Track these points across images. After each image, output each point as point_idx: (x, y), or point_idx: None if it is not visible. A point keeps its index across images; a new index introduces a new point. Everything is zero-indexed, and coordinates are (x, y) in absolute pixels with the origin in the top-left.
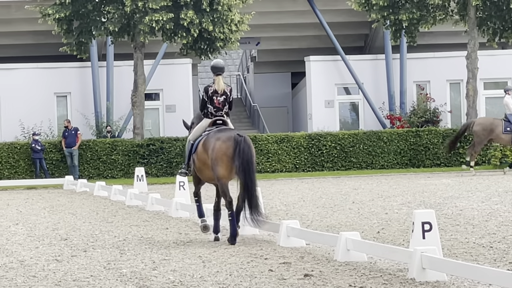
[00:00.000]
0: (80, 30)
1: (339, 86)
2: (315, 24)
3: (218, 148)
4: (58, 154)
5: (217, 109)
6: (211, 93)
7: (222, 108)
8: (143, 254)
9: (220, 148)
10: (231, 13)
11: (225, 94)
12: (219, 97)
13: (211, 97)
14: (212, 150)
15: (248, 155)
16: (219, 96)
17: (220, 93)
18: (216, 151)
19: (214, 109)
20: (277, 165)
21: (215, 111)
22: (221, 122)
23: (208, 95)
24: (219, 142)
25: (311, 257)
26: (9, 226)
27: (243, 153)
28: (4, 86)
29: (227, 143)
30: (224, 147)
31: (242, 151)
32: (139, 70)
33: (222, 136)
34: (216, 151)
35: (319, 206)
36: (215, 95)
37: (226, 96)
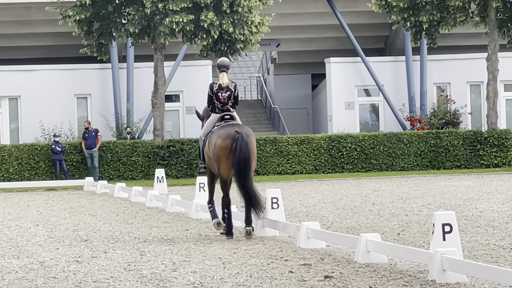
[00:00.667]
0: (100, 32)
1: (359, 87)
2: (335, 26)
3: (218, 146)
4: (78, 155)
5: (223, 104)
6: (216, 89)
7: (227, 103)
8: (163, 255)
9: (219, 146)
10: (251, 15)
11: (230, 90)
12: (224, 93)
13: (216, 93)
14: (213, 147)
15: (245, 153)
16: (224, 92)
17: (224, 89)
18: (217, 149)
19: (220, 104)
20: (297, 167)
21: (221, 106)
22: (229, 117)
23: (213, 91)
24: (219, 140)
25: (331, 258)
26: (30, 227)
27: (239, 151)
28: (25, 87)
29: (225, 141)
30: (223, 145)
31: (239, 148)
32: (159, 72)
33: (222, 134)
34: (217, 149)
35: (339, 207)
36: (220, 91)
37: (230, 92)
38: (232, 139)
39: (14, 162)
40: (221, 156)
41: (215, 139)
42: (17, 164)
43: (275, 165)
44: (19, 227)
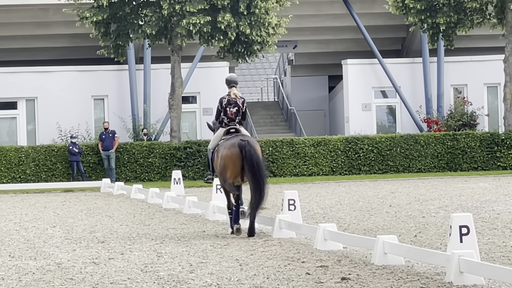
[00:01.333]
0: (117, 33)
1: (376, 89)
2: (352, 27)
3: (224, 155)
4: (95, 157)
5: (230, 120)
6: (225, 104)
7: (234, 119)
8: (180, 257)
9: (226, 155)
10: (268, 16)
11: (238, 106)
12: (232, 108)
13: (225, 108)
14: (221, 158)
15: (254, 157)
16: (232, 107)
17: (233, 104)
18: (224, 158)
19: (227, 119)
20: (314, 168)
21: (228, 121)
22: (234, 131)
23: (222, 106)
24: (225, 150)
25: (348, 260)
26: (46, 228)
27: (250, 156)
28: (42, 89)
29: (231, 149)
30: (229, 153)
31: (249, 153)
32: (176, 73)
33: (227, 144)
34: (224, 158)
35: (356, 209)
36: (228, 106)
37: (238, 107)
38: (238, 147)
39: (31, 163)
40: (228, 163)
41: (222, 150)
42: (34, 166)
43: (292, 167)
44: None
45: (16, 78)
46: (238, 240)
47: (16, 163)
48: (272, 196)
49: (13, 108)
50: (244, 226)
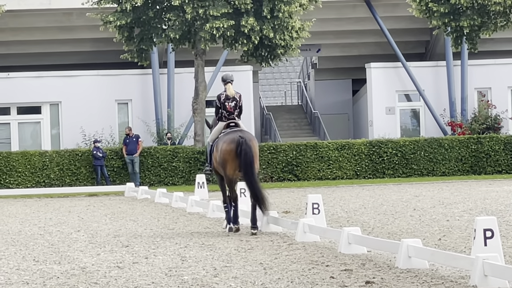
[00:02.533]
0: (141, 37)
1: (400, 93)
2: (375, 31)
3: (223, 150)
4: (119, 161)
5: (229, 113)
6: (223, 100)
7: (233, 112)
8: (205, 261)
9: (225, 150)
10: (291, 20)
11: (235, 100)
12: (230, 102)
13: (223, 103)
14: (220, 152)
15: (249, 155)
16: (230, 102)
17: (231, 99)
18: (222, 153)
19: (227, 113)
20: (338, 172)
21: (228, 115)
22: (233, 124)
23: (220, 101)
24: (224, 145)
25: (372, 264)
26: (71, 233)
27: (245, 154)
28: (65, 93)
29: (230, 145)
30: (228, 149)
31: (244, 151)
32: (200, 77)
33: (227, 139)
34: (222, 152)
35: (380, 213)
36: (226, 101)
37: (236, 102)
38: (236, 143)
39: (55, 167)
40: (226, 158)
41: (221, 144)
42: (58, 170)
43: (315, 171)
44: (60, 232)
45: (40, 83)
46: (262, 243)
47: (40, 168)
48: (296, 200)
49: (37, 113)
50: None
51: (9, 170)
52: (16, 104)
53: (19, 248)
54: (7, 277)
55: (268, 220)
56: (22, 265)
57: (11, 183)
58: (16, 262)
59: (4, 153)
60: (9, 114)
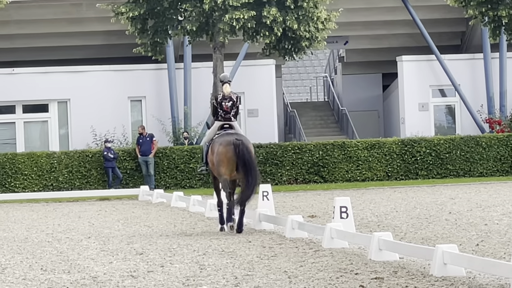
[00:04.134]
0: (155, 30)
1: (434, 87)
2: (407, 22)
3: (220, 152)
4: (133, 162)
5: (226, 113)
6: (220, 99)
7: (230, 112)
8: (225, 269)
9: (221, 152)
10: (317, 10)
11: (232, 100)
12: (227, 102)
13: (220, 103)
14: (216, 154)
15: (247, 156)
16: (227, 102)
17: (228, 99)
18: (219, 155)
19: (223, 112)
20: (368, 173)
21: (224, 114)
22: (228, 126)
23: (217, 101)
24: (221, 147)
25: (405, 272)
26: (81, 239)
27: (243, 155)
28: (75, 90)
29: (226, 147)
30: (224, 151)
31: (242, 152)
32: (218, 72)
33: (223, 142)
34: (219, 154)
35: (413, 217)
36: (223, 100)
37: (233, 102)
38: (233, 145)
39: (64, 170)
40: (222, 159)
41: (217, 146)
42: (67, 172)
43: (344, 172)
44: (69, 239)
45: (47, 79)
46: (286, 250)
47: (48, 170)
48: (323, 203)
49: (44, 111)
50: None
51: (14, 173)
52: (21, 102)
53: (25, 256)
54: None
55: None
56: (29, 275)
57: (16, 186)
58: (23, 272)
59: (9, 154)
60: (14, 112)
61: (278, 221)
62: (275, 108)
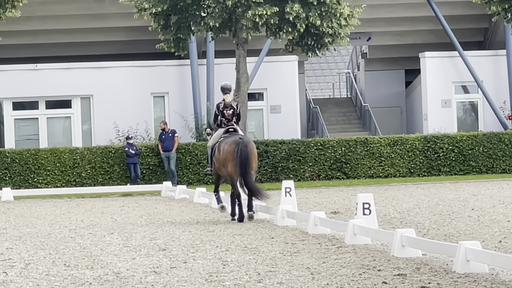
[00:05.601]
0: (178, 26)
1: (456, 84)
2: (430, 18)
3: (226, 151)
4: (155, 158)
5: (228, 120)
6: (222, 108)
7: (231, 119)
8: (247, 265)
9: (227, 150)
10: (340, 7)
11: (233, 108)
12: (228, 110)
13: (222, 111)
14: (222, 152)
15: (245, 154)
16: (228, 110)
17: (228, 107)
18: (225, 153)
19: (225, 120)
20: (390, 170)
21: (226, 122)
22: (232, 130)
23: (219, 109)
24: (226, 146)
25: (427, 268)
26: (104, 235)
27: (241, 152)
28: (98, 86)
29: (232, 146)
30: (230, 149)
31: (241, 150)
32: (241, 68)
33: (228, 141)
34: (225, 153)
35: (435, 213)
36: (225, 109)
37: (233, 109)
38: (236, 144)
39: (86, 166)
40: (228, 158)
41: (223, 146)
42: (90, 168)
43: (366, 168)
44: (92, 235)
45: (70, 75)
46: (309, 246)
47: (71, 166)
48: (346, 200)
49: (67, 107)
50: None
51: (37, 169)
52: (44, 97)
53: (48, 252)
54: (36, 283)
55: (282, 214)
56: (52, 270)
57: (39, 182)
58: (46, 267)
59: (32, 150)
60: (37, 108)
61: (301, 217)
62: (297, 105)
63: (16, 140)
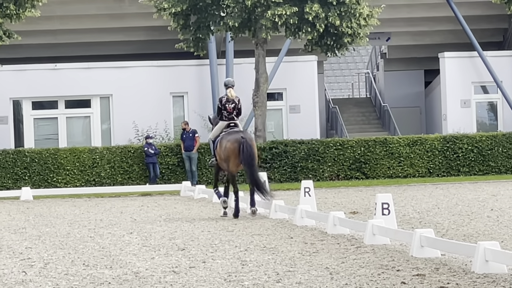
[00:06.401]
0: (197, 26)
1: (476, 84)
2: (449, 18)
3: (227, 149)
4: (174, 158)
5: (229, 113)
6: (224, 102)
7: (232, 113)
8: (266, 265)
9: (229, 148)
10: (359, 7)
11: (235, 102)
12: (230, 104)
13: (224, 105)
14: (224, 149)
15: (250, 152)
16: (230, 104)
17: (231, 101)
18: (227, 151)
19: (227, 113)
20: (410, 170)
21: (228, 115)
22: (233, 125)
23: (222, 103)
24: (228, 144)
25: (446, 268)
26: (123, 235)
27: (246, 151)
28: (117, 85)
29: (234, 144)
30: (232, 147)
31: (246, 149)
32: (260, 68)
33: (231, 139)
34: (227, 150)
35: (455, 213)
36: (227, 103)
37: (235, 104)
38: (238, 143)
39: (106, 165)
40: (230, 156)
41: (225, 143)
42: (109, 168)
43: (385, 168)
44: (111, 235)
45: (89, 74)
46: (328, 246)
47: (90, 165)
48: (365, 200)
49: (86, 106)
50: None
51: (56, 168)
52: (64, 97)
53: (67, 251)
54: (55, 283)
55: (301, 214)
56: (71, 270)
57: (59, 181)
58: (65, 267)
59: (51, 149)
60: (57, 108)
61: (320, 217)
62: (317, 104)
63: (35, 140)
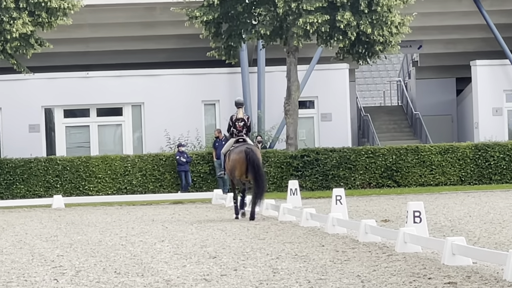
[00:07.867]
0: (229, 34)
1: (508, 92)
2: (481, 26)
3: (234, 159)
4: (206, 166)
5: (239, 131)
6: (234, 120)
7: (242, 130)
8: (298, 273)
9: (234, 158)
10: (391, 15)
11: (244, 121)
12: (239, 122)
13: (234, 123)
14: (231, 160)
15: (255, 161)
16: (240, 122)
17: (240, 120)
18: (233, 161)
19: (237, 131)
20: (441, 178)
21: (237, 132)
22: (242, 140)
23: (232, 121)
24: (235, 155)
25: (478, 276)
26: (155, 243)
27: (252, 160)
28: (149, 93)
29: (239, 154)
30: (237, 158)
31: (252, 158)
32: (292, 76)
33: (237, 150)
34: (233, 161)
35: (486, 221)
36: (237, 121)
37: (244, 122)
38: (244, 152)
39: (137, 173)
40: (236, 164)
41: (232, 155)
42: (141, 176)
43: (417, 176)
44: (143, 243)
45: (121, 82)
46: (359, 254)
47: (122, 173)
48: (396, 208)
49: (118, 115)
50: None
51: (88, 176)
52: (95, 105)
53: (99, 259)
54: None
55: (333, 222)
56: (103, 278)
57: (90, 189)
58: (96, 275)
59: (83, 157)
60: (89, 116)
61: (351, 225)
62: (348, 112)
63: (67, 148)
